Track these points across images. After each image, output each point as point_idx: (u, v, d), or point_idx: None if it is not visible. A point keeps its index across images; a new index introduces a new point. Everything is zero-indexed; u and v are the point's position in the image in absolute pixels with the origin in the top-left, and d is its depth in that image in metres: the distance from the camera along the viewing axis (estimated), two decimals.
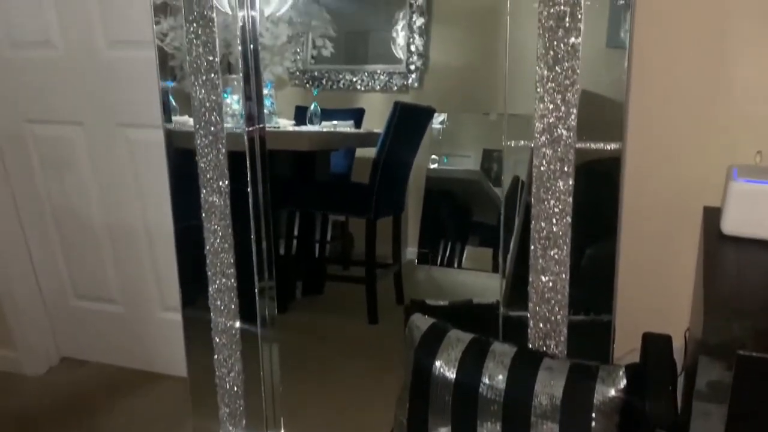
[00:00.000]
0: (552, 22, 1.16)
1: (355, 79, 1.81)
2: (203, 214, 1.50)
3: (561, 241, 1.25)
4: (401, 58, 1.75)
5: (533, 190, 1.24)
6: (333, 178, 1.98)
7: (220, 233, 1.50)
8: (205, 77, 1.41)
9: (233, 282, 1.53)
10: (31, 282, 2.28)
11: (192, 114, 1.45)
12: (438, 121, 1.76)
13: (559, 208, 1.23)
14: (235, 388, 1.60)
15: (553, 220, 1.24)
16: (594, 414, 1.11)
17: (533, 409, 1.14)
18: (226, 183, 1.46)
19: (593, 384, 1.12)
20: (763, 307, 0.90)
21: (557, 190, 1.22)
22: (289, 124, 1.82)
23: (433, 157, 1.78)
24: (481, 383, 1.19)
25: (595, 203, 1.24)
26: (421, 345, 1.28)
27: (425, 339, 1.28)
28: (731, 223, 1.13)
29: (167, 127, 1.50)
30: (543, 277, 1.28)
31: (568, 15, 1.14)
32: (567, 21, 1.15)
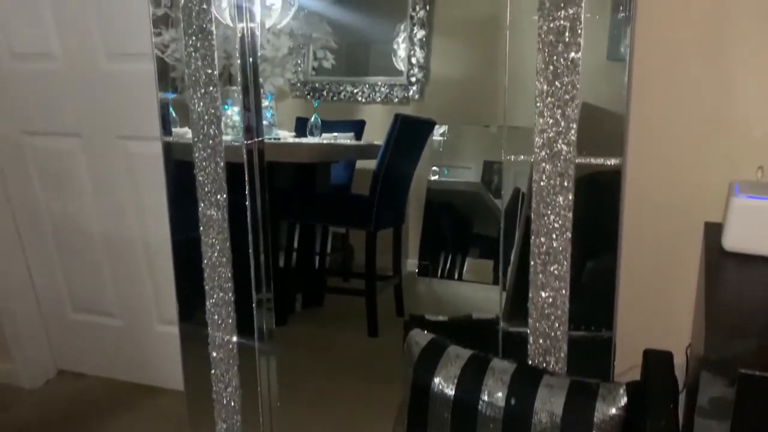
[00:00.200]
0: (552, 37, 1.15)
1: (355, 91, 1.80)
2: (201, 227, 1.49)
3: (561, 256, 1.24)
4: (402, 70, 1.74)
5: (533, 205, 1.23)
6: (333, 190, 1.98)
7: (218, 247, 1.49)
8: (203, 90, 1.41)
9: (231, 296, 1.52)
10: (29, 294, 2.28)
11: (191, 126, 1.45)
12: (439, 132, 1.75)
13: (559, 223, 1.22)
14: (233, 403, 1.59)
15: (553, 236, 1.23)
16: None
17: (533, 427, 1.13)
18: (224, 197, 1.46)
19: (593, 402, 1.11)
20: (766, 323, 0.89)
21: (557, 205, 1.21)
22: (289, 135, 1.82)
23: (433, 168, 1.78)
24: (480, 400, 1.17)
25: (596, 218, 1.23)
26: (419, 361, 1.26)
27: (424, 355, 1.27)
28: (733, 239, 1.12)
29: (165, 139, 1.49)
30: (543, 293, 1.27)
31: (567, 30, 1.14)
32: (567, 36, 1.14)
